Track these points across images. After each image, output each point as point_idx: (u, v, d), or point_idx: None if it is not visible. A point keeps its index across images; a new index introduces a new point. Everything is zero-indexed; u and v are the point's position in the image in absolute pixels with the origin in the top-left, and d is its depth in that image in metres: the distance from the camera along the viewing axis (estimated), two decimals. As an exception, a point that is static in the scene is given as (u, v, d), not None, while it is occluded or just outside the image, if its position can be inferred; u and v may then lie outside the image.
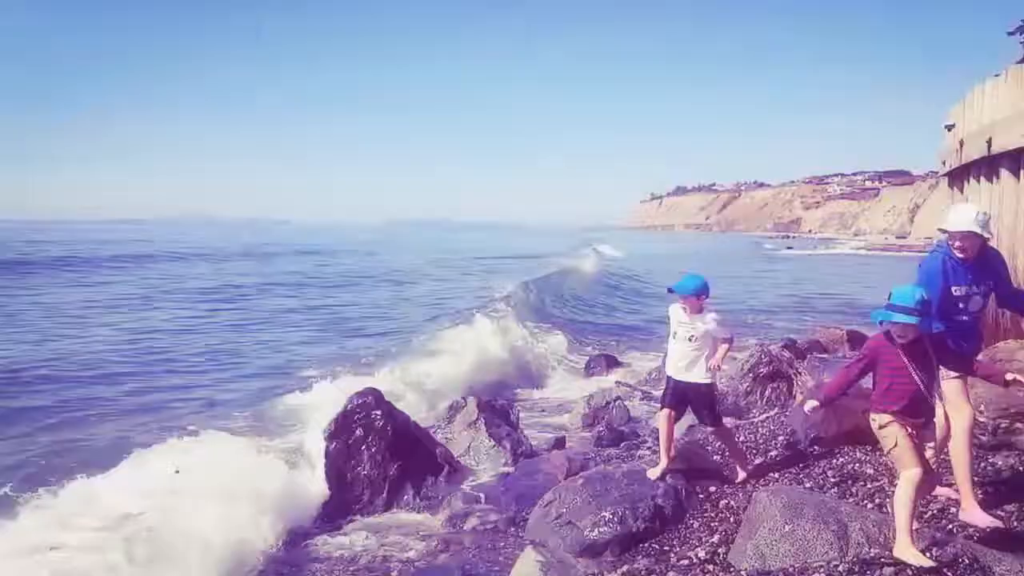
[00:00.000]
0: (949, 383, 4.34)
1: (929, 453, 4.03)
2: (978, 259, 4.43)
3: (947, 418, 4.39)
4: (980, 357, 4.85)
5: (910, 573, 3.79)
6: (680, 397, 5.65)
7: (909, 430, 3.87)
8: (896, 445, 3.88)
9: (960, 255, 4.40)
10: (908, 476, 3.84)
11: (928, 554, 3.86)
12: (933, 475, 4.06)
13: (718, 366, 5.69)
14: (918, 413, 3.90)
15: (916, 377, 3.86)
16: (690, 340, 5.56)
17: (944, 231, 4.49)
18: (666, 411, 5.69)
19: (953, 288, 4.41)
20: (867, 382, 4.18)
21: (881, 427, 3.95)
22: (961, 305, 4.44)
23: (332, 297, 23.54)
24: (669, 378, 5.75)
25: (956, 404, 4.35)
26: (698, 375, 5.61)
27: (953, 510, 4.46)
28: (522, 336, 14.22)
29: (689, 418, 6.26)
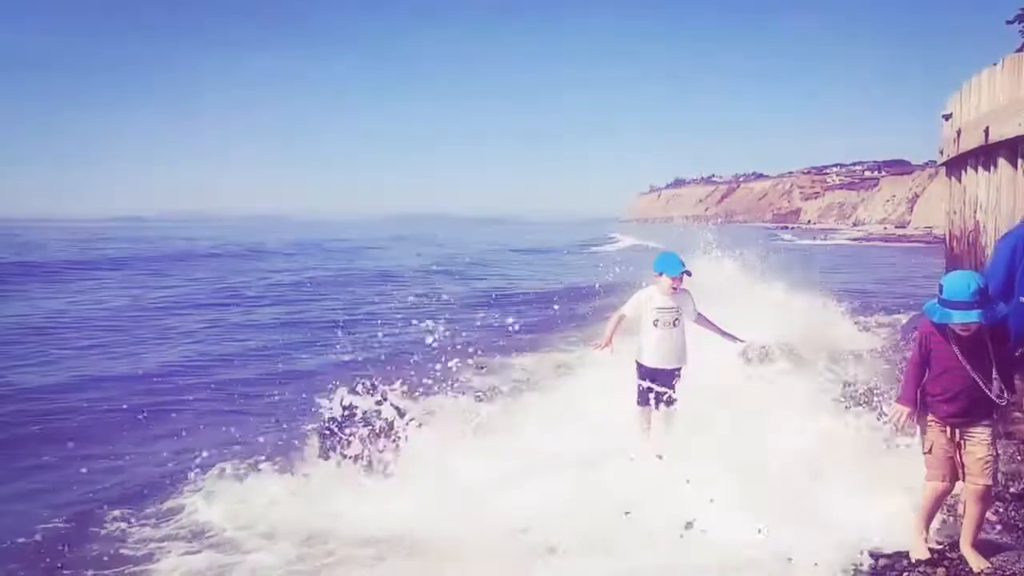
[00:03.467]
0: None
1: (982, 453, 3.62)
2: None
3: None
4: None
5: (904, 564, 3.80)
6: (655, 383, 5.49)
7: (949, 436, 3.69)
8: (930, 451, 3.76)
9: None
10: (931, 486, 3.79)
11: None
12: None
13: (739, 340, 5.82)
14: (967, 411, 3.64)
15: (969, 373, 3.58)
16: (674, 324, 5.43)
17: None
18: (645, 409, 5.56)
19: None
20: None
21: (922, 426, 3.82)
22: None
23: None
24: (645, 368, 5.51)
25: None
26: (679, 359, 5.50)
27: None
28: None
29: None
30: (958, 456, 3.71)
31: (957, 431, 3.69)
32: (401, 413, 6.38)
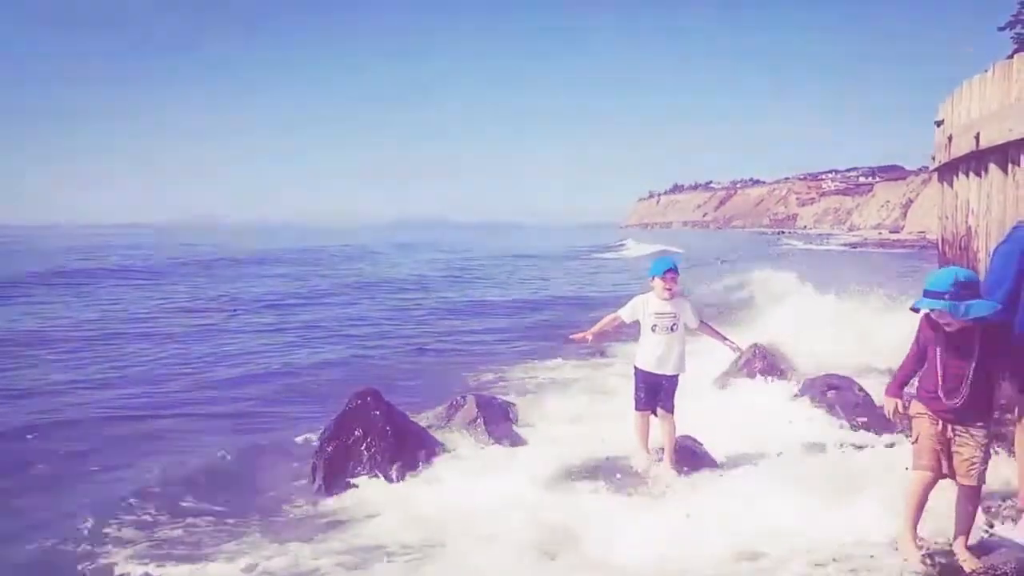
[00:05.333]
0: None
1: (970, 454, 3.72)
2: None
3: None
4: None
5: (897, 563, 3.85)
6: (653, 391, 5.53)
7: (940, 428, 3.74)
8: (917, 441, 3.83)
9: None
10: (916, 475, 3.82)
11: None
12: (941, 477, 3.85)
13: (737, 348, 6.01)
14: (957, 410, 3.68)
15: (938, 369, 3.69)
16: (672, 330, 5.45)
17: None
18: (643, 413, 5.61)
19: None
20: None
21: (912, 416, 3.89)
22: None
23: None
24: (643, 373, 5.56)
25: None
26: (677, 366, 5.52)
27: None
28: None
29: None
30: (946, 451, 3.76)
31: (948, 426, 3.74)
32: (409, 421, 6.45)
